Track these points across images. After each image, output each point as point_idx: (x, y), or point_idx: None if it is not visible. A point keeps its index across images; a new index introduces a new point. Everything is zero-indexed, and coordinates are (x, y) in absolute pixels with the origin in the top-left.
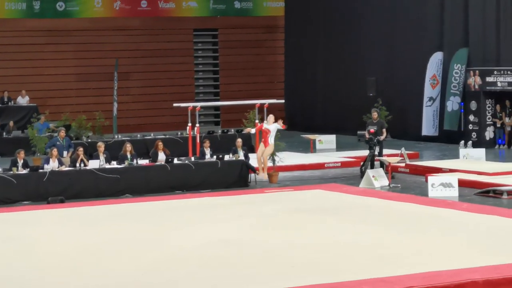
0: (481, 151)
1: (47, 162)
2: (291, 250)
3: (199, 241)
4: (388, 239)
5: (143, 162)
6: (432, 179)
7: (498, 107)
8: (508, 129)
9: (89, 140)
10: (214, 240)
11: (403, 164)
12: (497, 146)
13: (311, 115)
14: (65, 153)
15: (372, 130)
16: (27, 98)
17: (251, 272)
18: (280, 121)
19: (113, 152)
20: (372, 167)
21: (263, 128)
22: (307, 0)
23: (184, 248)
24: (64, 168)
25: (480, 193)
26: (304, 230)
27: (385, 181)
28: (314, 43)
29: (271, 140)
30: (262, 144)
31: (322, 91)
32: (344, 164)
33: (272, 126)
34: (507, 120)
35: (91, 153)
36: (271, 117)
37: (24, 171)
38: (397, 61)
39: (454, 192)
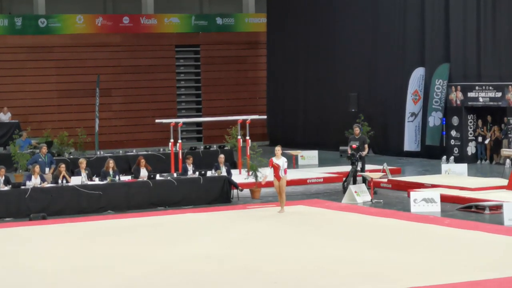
0: (463, 166)
1: (29, 178)
2: (273, 266)
3: (181, 257)
4: (369, 254)
5: (125, 178)
6: (414, 194)
7: (480, 122)
8: (487, 142)
9: (71, 157)
10: (196, 256)
11: (385, 180)
12: (478, 161)
13: (293, 130)
14: (47, 169)
15: (354, 145)
16: (9, 114)
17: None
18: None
19: (95, 169)
20: (355, 182)
21: (273, 163)
22: (288, 16)
23: (165, 264)
24: (46, 185)
25: (462, 209)
26: (286, 245)
27: (367, 197)
28: (296, 59)
29: (281, 173)
30: (275, 179)
31: (304, 107)
32: (326, 180)
33: (280, 161)
34: (488, 135)
35: (73, 170)
36: (278, 150)
37: (6, 188)
38: (379, 77)
39: (436, 208)
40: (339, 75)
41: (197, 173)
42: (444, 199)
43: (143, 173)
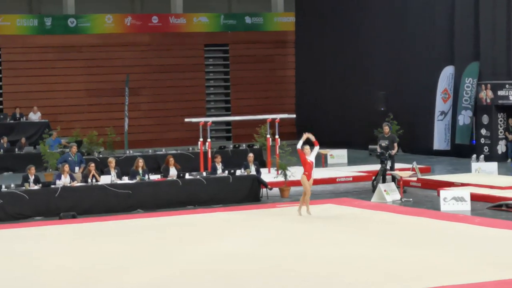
0: (493, 165)
1: (59, 177)
2: (302, 264)
3: (209, 256)
4: (399, 253)
5: (155, 177)
6: (444, 193)
7: (510, 121)
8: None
9: (101, 156)
10: (225, 254)
11: (415, 178)
12: (509, 160)
13: (322, 129)
14: (76, 168)
15: (383, 144)
16: (38, 114)
17: (263, 286)
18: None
19: (124, 168)
20: (384, 181)
21: (306, 160)
22: (317, 15)
23: (194, 263)
24: (75, 184)
25: (492, 207)
26: (315, 244)
27: (397, 195)
28: (324, 58)
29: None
30: (304, 177)
31: (332, 106)
32: (355, 179)
33: (312, 156)
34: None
35: (103, 169)
36: (307, 149)
37: (36, 187)
38: (407, 76)
39: (466, 206)
40: (368, 73)
41: (226, 172)
42: (474, 197)
43: (172, 172)
